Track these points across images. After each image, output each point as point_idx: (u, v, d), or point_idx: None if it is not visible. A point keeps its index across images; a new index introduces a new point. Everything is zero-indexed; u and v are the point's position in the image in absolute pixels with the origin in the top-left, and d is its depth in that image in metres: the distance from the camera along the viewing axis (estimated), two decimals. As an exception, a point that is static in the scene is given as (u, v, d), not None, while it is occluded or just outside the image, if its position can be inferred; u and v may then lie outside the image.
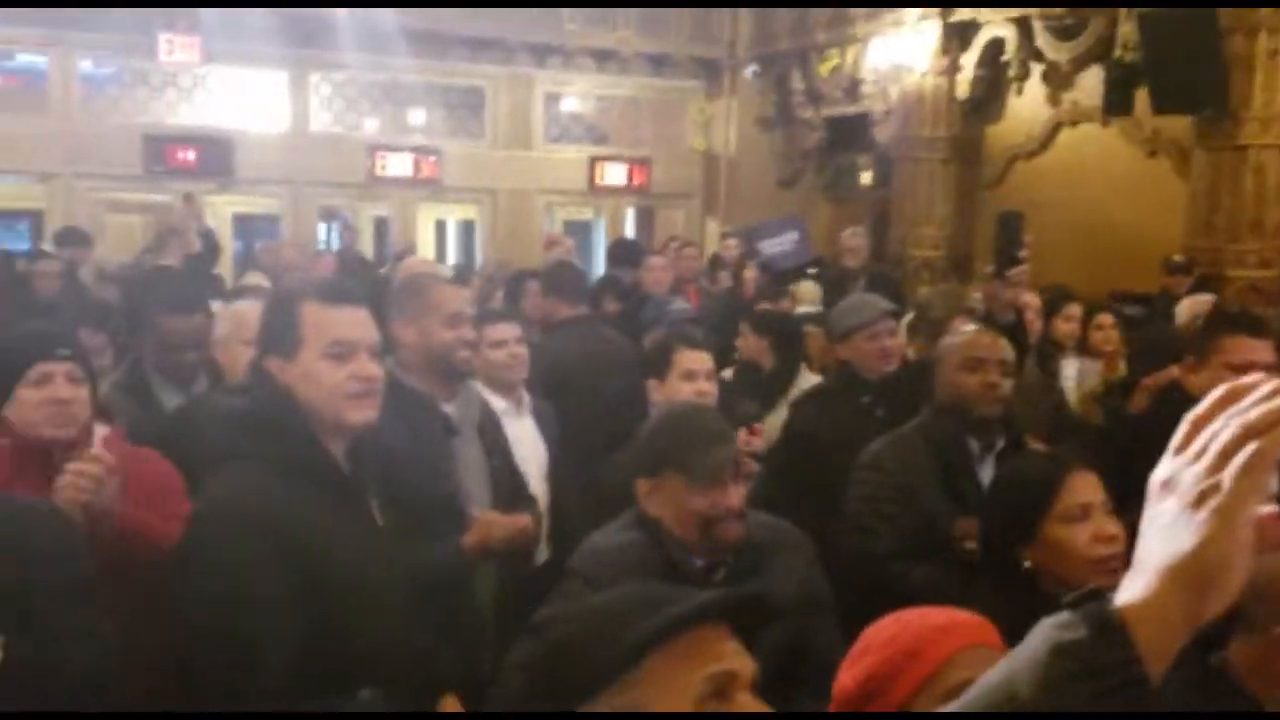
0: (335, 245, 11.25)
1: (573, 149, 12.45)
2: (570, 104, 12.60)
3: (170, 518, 2.58)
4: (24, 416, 2.39)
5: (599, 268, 13.03)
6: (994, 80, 9.64)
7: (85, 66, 10.51)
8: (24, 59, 10.94)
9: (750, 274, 7.39)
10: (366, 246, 12.52)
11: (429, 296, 3.06)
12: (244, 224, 13.26)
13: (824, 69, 11.00)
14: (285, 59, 10.89)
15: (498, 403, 3.43)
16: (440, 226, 14.96)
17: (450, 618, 2.63)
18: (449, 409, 3.07)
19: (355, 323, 2.14)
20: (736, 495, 2.25)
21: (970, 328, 3.28)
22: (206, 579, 2.02)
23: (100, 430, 2.61)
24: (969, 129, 9.97)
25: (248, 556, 1.98)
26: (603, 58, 12.16)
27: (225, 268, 10.04)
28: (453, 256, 14.38)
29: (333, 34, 10.82)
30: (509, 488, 3.21)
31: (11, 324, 4.52)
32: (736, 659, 1.25)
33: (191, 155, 10.59)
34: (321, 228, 11.82)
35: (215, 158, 10.67)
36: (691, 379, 3.29)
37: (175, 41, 10.14)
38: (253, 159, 10.86)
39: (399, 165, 11.53)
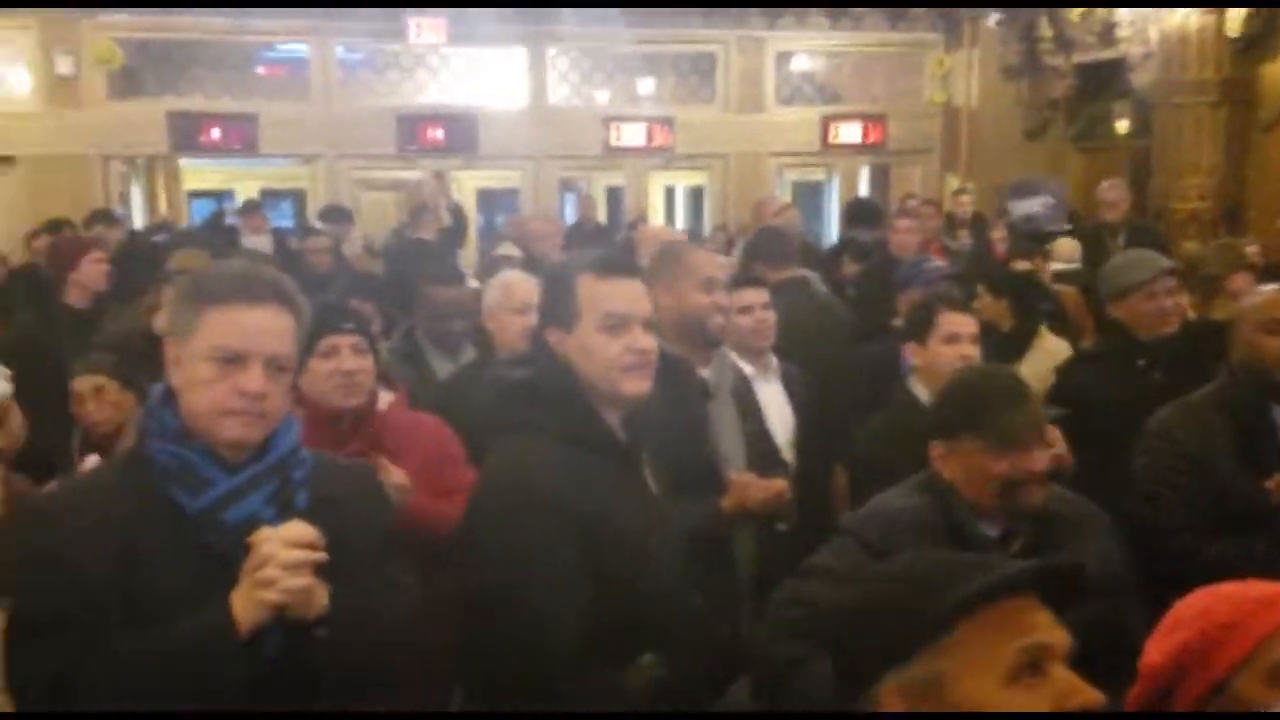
0: (571, 216, 11.51)
1: (804, 109, 12.25)
2: (801, 64, 12.40)
3: (452, 489, 2.72)
4: (315, 387, 2.56)
5: (831, 229, 12.87)
6: (1269, 15, 8.80)
7: (341, 52, 11.13)
8: (285, 49, 11.71)
9: (999, 234, 7.07)
10: (601, 216, 12.79)
11: (683, 261, 3.07)
12: (486, 198, 13.81)
13: (1075, 14, 10.35)
14: (524, 35, 11.20)
15: (745, 367, 3.42)
16: (669, 193, 15.10)
17: (711, 580, 2.64)
18: (704, 373, 3.09)
19: (629, 296, 2.14)
20: (1040, 459, 2.17)
21: (1270, 287, 3.01)
22: (494, 548, 2.07)
23: (385, 396, 2.77)
24: (1241, 69, 9.15)
25: (535, 525, 2.02)
26: (836, 15, 11.89)
27: (470, 241, 10.51)
28: (681, 223, 14.47)
29: (569, 8, 11.05)
30: (762, 452, 3.21)
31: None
32: (1052, 631, 1.20)
33: (440, 133, 11.08)
34: (560, 199, 12.13)
35: (461, 134, 11.12)
36: (954, 342, 3.18)
37: (423, 24, 10.61)
38: (495, 134, 11.24)
39: (633, 135, 11.67)
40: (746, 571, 3.06)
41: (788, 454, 3.39)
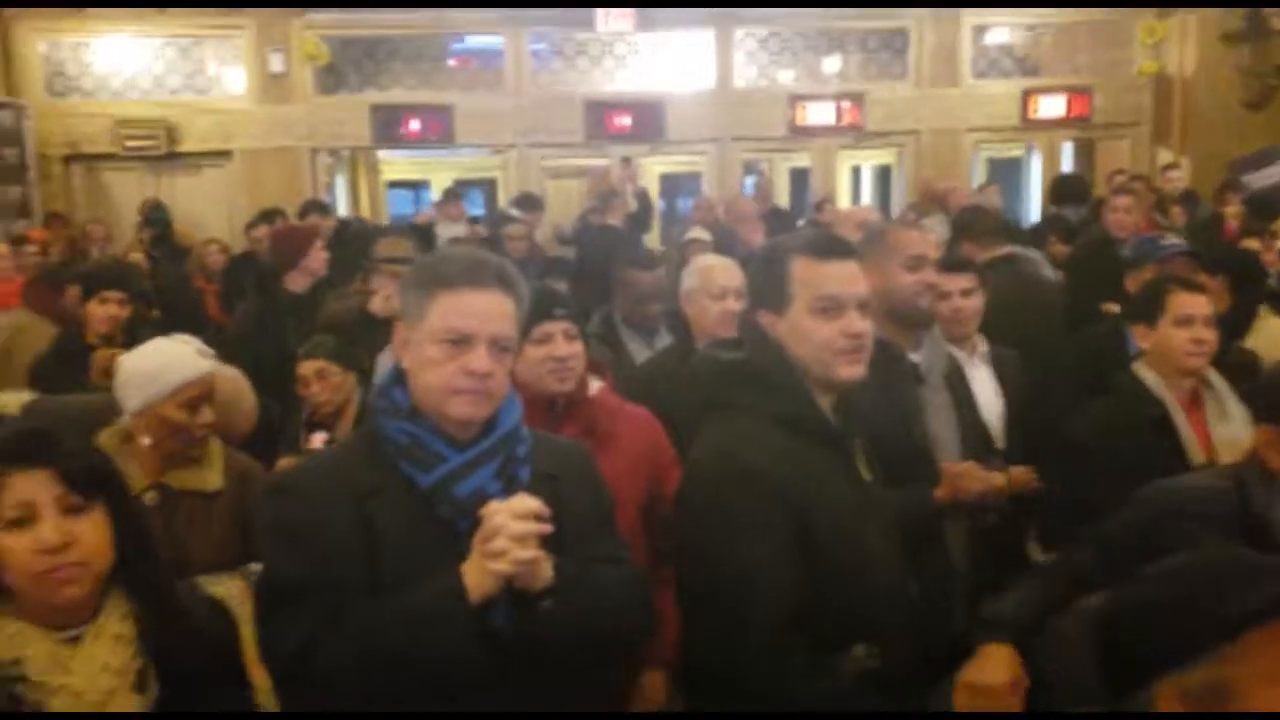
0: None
1: (1003, 82, 11.75)
2: (999, 36, 11.89)
3: (661, 481, 2.73)
4: (529, 372, 2.59)
5: (1031, 208, 12.34)
6: None
7: (533, 42, 11.34)
8: (478, 41, 11.99)
9: (1233, 209, 6.59)
10: (783, 198, 12.63)
11: (888, 239, 2.97)
12: (670, 183, 13.85)
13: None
14: (711, 18, 11.15)
15: (954, 352, 3.30)
16: (855, 173, 14.78)
17: (924, 572, 2.54)
18: (915, 357, 2.98)
19: (844, 278, 2.10)
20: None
21: None
22: (704, 525, 2.06)
23: (594, 384, 2.78)
24: None
25: (746, 502, 2.00)
26: (1036, -16, 11.37)
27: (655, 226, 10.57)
28: (868, 203, 14.14)
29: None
30: (977, 439, 3.08)
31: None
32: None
33: (627, 120, 11.15)
34: (745, 182, 12.05)
35: (648, 120, 11.17)
36: (1187, 325, 2.98)
37: (612, 13, 10.70)
38: (681, 119, 11.24)
39: (820, 114, 11.47)
40: (962, 564, 2.94)
41: (1001, 440, 3.26)
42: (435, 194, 12.80)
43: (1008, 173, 12.77)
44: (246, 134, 10.79)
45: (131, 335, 4.41)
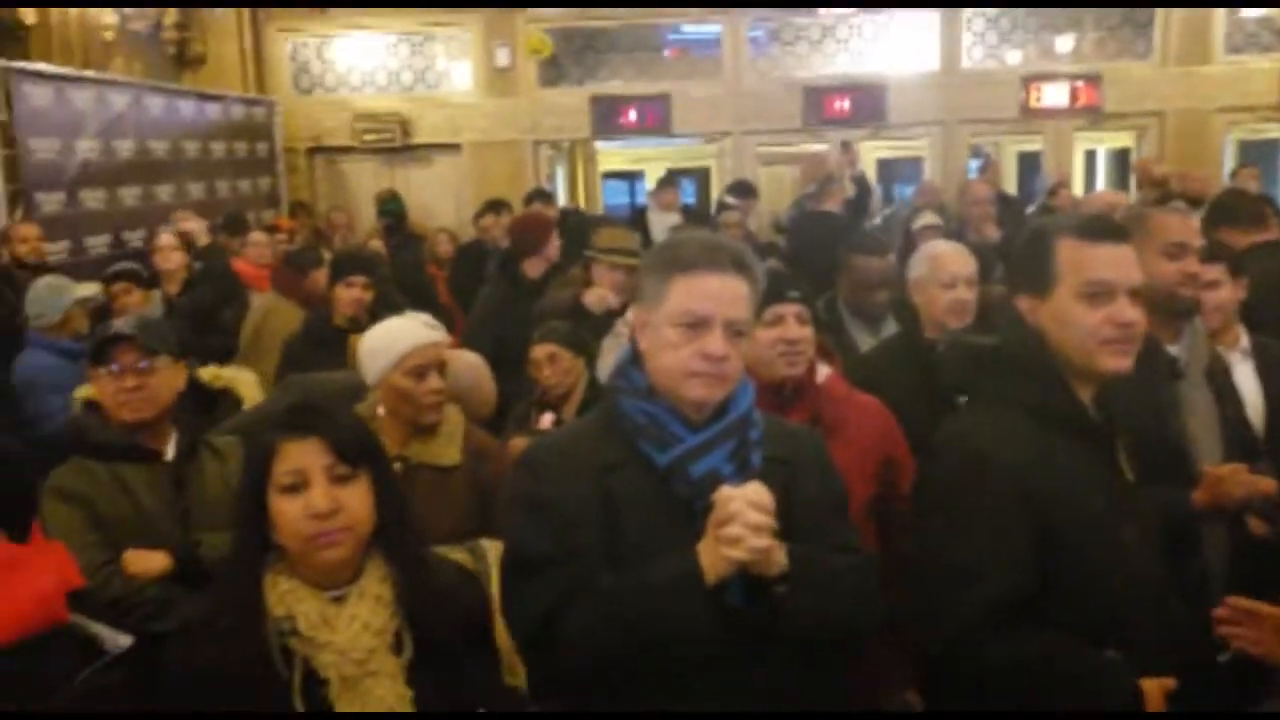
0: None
1: (1261, 58, 10.86)
2: (1256, 9, 10.98)
3: (893, 474, 2.66)
4: (758, 354, 2.55)
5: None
6: None
7: (751, 28, 11.27)
8: (689, 30, 12.00)
9: None
10: (1009, 184, 12.09)
11: (1148, 224, 2.78)
12: (886, 168, 13.50)
13: None
14: (936, -3, 10.81)
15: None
16: (1089, 157, 14.01)
17: (1180, 580, 2.37)
18: (1174, 350, 2.78)
19: (1115, 262, 1.98)
20: None
21: None
22: (939, 511, 2.02)
23: (823, 370, 2.73)
24: None
25: (986, 494, 1.94)
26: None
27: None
28: (1103, 188, 13.36)
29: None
30: (1240, 440, 2.85)
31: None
32: None
33: (847, 103, 10.94)
34: (969, 166, 11.59)
35: (869, 103, 10.92)
36: None
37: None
38: (903, 102, 10.94)
39: (1054, 95, 10.92)
40: (1218, 572, 2.73)
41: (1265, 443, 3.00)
42: (649, 184, 12.94)
43: (1262, 156, 11.80)
44: (474, 127, 11.20)
45: (374, 318, 4.64)
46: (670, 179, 10.05)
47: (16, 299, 5.21)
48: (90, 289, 4.95)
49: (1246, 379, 3.13)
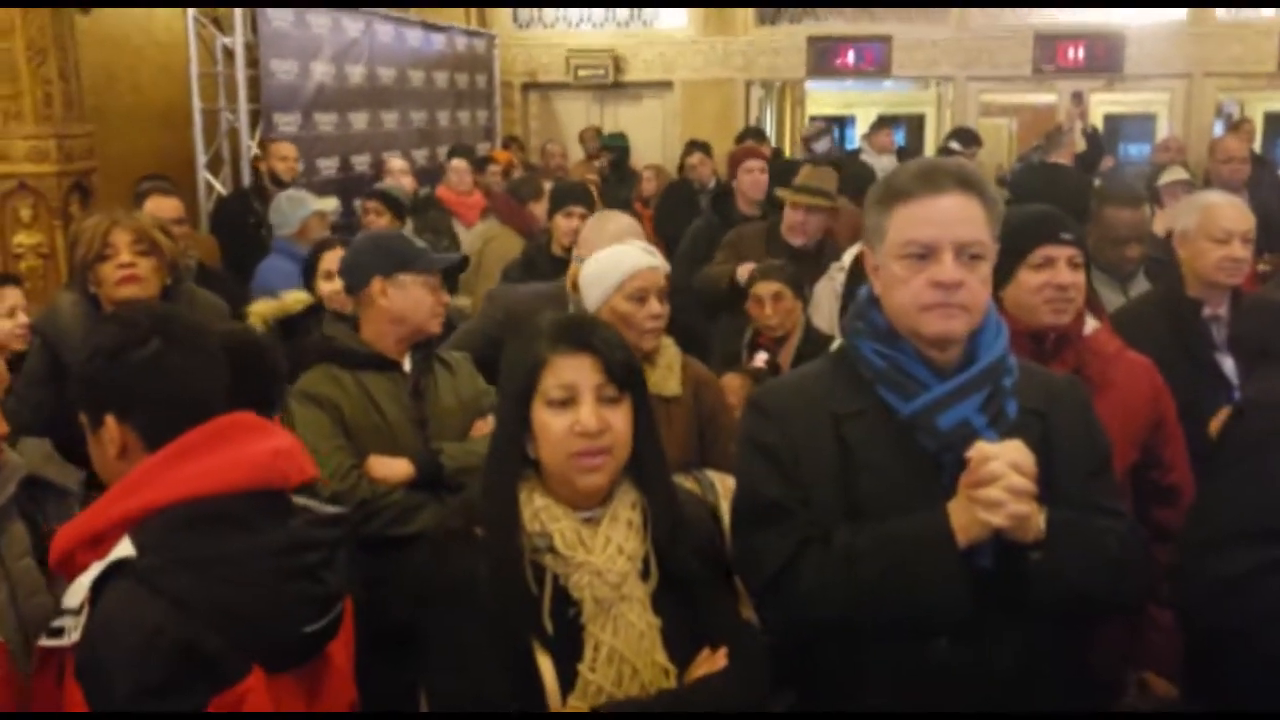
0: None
1: None
2: None
3: (1157, 440, 2.48)
4: (1021, 300, 2.37)
5: None
6: None
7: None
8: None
9: None
10: (1256, 143, 11.16)
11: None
12: (1113, 125, 12.68)
13: None
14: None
15: None
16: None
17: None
18: None
19: None
20: None
21: None
22: (1241, 470, 1.92)
23: (1091, 323, 2.52)
24: None
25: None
26: None
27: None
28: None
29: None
30: None
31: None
32: None
33: (1080, 52, 10.31)
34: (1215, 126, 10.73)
35: (1105, 53, 10.27)
36: None
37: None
38: (1142, 52, 10.24)
39: (1318, 48, 9.97)
40: None
41: None
42: (860, 128, 12.58)
43: None
44: (687, 65, 11.12)
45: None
46: (886, 119, 9.73)
47: (265, 212, 5.50)
48: (329, 203, 5.16)
49: None
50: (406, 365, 2.75)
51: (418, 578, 1.80)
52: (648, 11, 11.29)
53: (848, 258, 4.89)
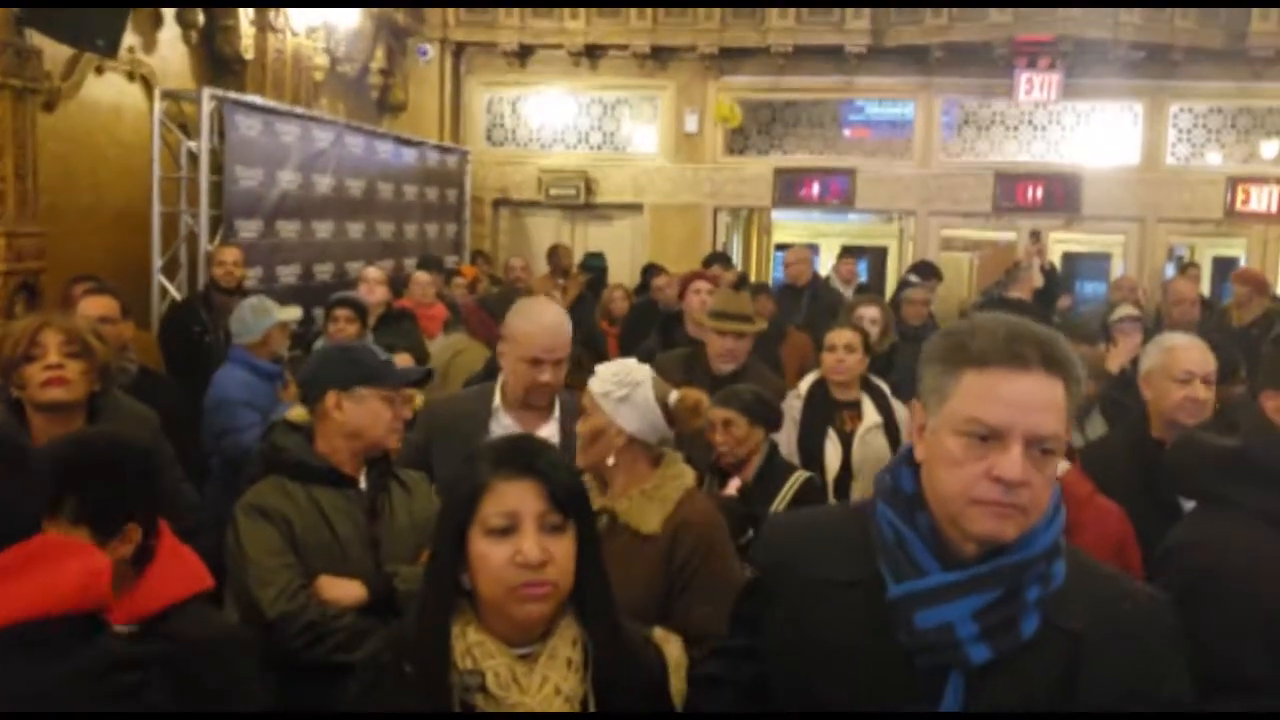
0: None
1: None
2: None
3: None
4: None
5: None
6: None
7: (945, 108, 11.08)
8: (874, 112, 11.84)
9: None
10: (1205, 287, 11.44)
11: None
12: (1071, 263, 12.98)
13: None
14: (1142, 90, 10.41)
15: None
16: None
17: None
18: None
19: None
20: None
21: None
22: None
23: (1062, 465, 2.44)
24: None
25: (1217, 613, 1.79)
26: None
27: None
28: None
29: (1197, 63, 10.09)
30: None
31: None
32: None
33: (1039, 192, 10.61)
34: (1166, 269, 11.02)
35: (1062, 194, 10.58)
36: None
37: (1035, 80, 10.23)
38: (1099, 194, 10.56)
39: (1262, 199, 10.34)
40: None
41: None
42: (824, 257, 12.77)
43: None
44: (656, 189, 11.32)
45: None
46: (848, 253, 9.89)
47: (211, 319, 5.39)
48: (293, 313, 5.08)
49: None
50: (362, 482, 2.65)
51: (345, 713, 1.69)
52: (619, 137, 11.53)
53: (804, 385, 4.88)
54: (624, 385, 2.60)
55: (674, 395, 2.72)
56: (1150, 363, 3.16)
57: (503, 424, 3.01)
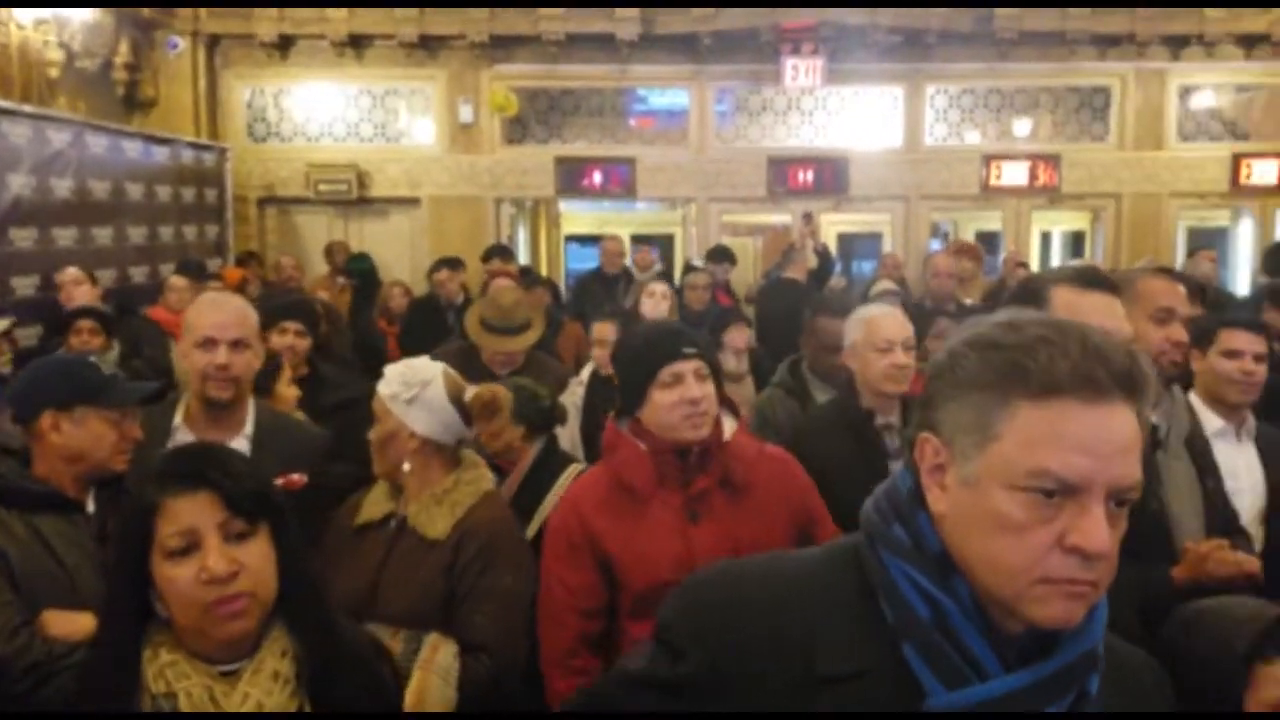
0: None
1: (1212, 146, 11.06)
2: (1206, 98, 11.19)
3: (810, 525, 2.47)
4: (659, 419, 2.38)
5: (1237, 277, 11.52)
6: None
7: (716, 96, 11.30)
8: (656, 101, 11.99)
9: None
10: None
11: (1136, 288, 2.65)
12: (846, 243, 13.56)
13: None
14: (900, 74, 10.90)
15: (1213, 422, 3.00)
16: (1045, 239, 14.17)
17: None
18: (1154, 418, 2.62)
19: (1104, 310, 1.95)
20: None
21: None
22: None
23: (729, 424, 2.50)
24: None
25: None
26: (1250, 44, 10.71)
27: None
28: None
29: (950, 46, 10.66)
30: (1219, 516, 2.69)
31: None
32: None
33: (810, 175, 10.97)
34: (931, 244, 11.62)
35: (831, 176, 10.97)
36: None
37: (800, 66, 10.55)
38: (866, 176, 10.99)
39: (1015, 174, 11.04)
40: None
41: (1253, 526, 2.86)
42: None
43: (1209, 241, 11.98)
44: (434, 181, 11.07)
45: (312, 367, 4.44)
46: (640, 241, 9.97)
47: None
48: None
49: (1246, 460, 3.03)
50: (90, 505, 2.41)
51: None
52: (393, 128, 11.21)
53: (585, 373, 4.85)
54: (412, 385, 2.51)
55: (469, 391, 2.63)
56: (853, 336, 3.29)
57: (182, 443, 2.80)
